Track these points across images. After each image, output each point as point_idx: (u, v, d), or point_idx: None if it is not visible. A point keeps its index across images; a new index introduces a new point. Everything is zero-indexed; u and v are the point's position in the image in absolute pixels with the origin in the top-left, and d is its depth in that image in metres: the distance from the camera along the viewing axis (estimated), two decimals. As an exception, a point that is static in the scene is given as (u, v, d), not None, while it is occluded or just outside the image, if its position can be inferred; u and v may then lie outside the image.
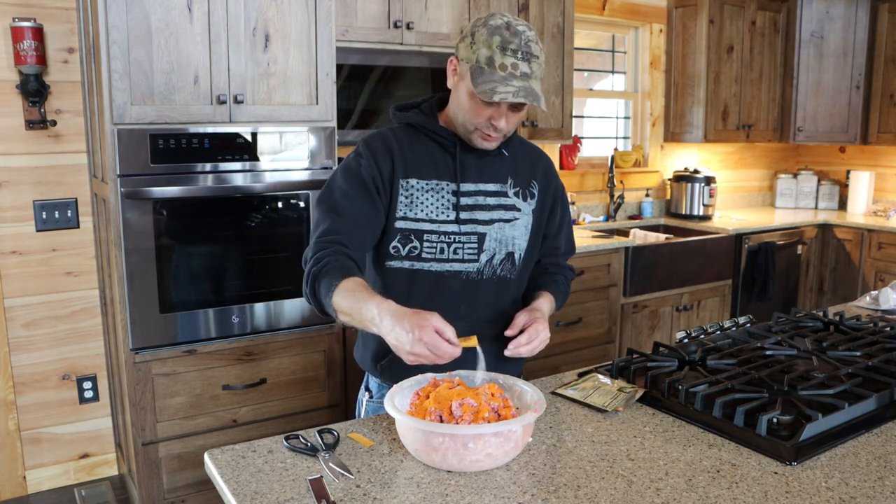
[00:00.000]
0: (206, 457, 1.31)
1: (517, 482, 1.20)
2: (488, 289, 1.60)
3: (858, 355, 1.72)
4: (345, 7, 3.01)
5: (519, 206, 1.62)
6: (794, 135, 4.96)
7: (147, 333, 2.61)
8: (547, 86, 3.76)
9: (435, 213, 1.54)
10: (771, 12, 4.81)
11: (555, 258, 1.78)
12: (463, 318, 1.53)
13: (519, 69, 1.43)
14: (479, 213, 1.57)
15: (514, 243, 1.61)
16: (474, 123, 1.51)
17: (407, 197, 1.54)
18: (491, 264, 1.59)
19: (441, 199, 1.55)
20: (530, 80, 1.44)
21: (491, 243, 1.58)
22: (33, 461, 3.13)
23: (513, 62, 1.43)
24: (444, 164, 1.57)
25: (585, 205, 4.60)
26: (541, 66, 1.47)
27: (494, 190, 1.60)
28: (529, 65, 1.44)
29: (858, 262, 4.61)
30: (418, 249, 1.54)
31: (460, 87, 1.51)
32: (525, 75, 1.43)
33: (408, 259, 1.55)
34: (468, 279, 1.58)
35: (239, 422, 2.81)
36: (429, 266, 1.56)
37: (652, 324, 4.02)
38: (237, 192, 2.70)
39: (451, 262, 1.56)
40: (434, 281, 1.56)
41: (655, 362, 1.69)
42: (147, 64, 2.49)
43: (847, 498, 1.14)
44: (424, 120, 1.59)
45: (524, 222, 1.63)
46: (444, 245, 1.55)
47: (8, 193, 2.95)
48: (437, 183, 1.56)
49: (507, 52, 1.43)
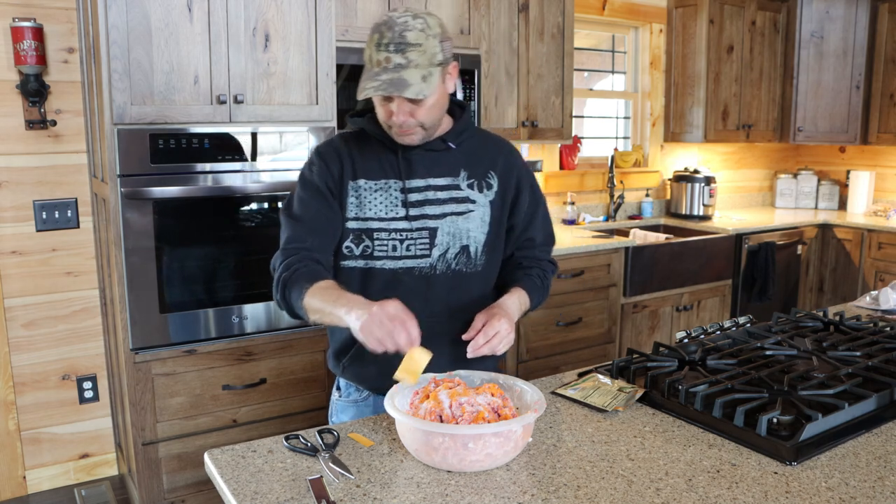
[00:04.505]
0: (206, 457, 1.31)
1: (517, 482, 1.20)
2: (443, 284, 1.60)
3: (858, 355, 1.72)
4: (345, 7, 3.01)
5: (474, 198, 1.62)
6: (794, 135, 4.96)
7: (147, 333, 2.61)
8: (546, 85, 3.76)
9: (384, 212, 1.57)
10: (771, 12, 4.80)
11: (530, 251, 1.74)
12: (418, 314, 1.45)
13: (392, 61, 1.44)
14: (430, 208, 1.59)
15: (469, 236, 1.61)
16: (385, 123, 1.54)
17: (356, 198, 1.58)
18: (444, 258, 1.59)
19: (389, 197, 1.58)
20: (404, 70, 1.44)
21: (443, 237, 1.59)
22: (33, 461, 3.13)
23: (385, 56, 1.44)
24: (390, 164, 1.60)
25: (585, 205, 4.60)
26: (423, 52, 1.45)
27: (445, 184, 1.60)
28: (404, 54, 1.44)
29: (858, 262, 4.61)
30: (371, 248, 1.58)
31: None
32: (399, 66, 1.44)
33: (362, 258, 1.59)
34: (421, 275, 1.59)
35: (239, 422, 2.81)
36: (381, 264, 1.58)
37: (652, 324, 4.02)
38: (237, 192, 2.70)
39: (404, 259, 1.58)
40: (388, 278, 1.58)
41: (655, 362, 1.69)
42: (147, 64, 2.49)
43: (847, 498, 1.14)
44: (370, 125, 1.61)
45: (480, 214, 1.62)
46: (396, 242, 1.57)
47: (8, 193, 2.95)
48: (386, 182, 1.58)
49: (381, 48, 1.45)
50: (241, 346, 2.78)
